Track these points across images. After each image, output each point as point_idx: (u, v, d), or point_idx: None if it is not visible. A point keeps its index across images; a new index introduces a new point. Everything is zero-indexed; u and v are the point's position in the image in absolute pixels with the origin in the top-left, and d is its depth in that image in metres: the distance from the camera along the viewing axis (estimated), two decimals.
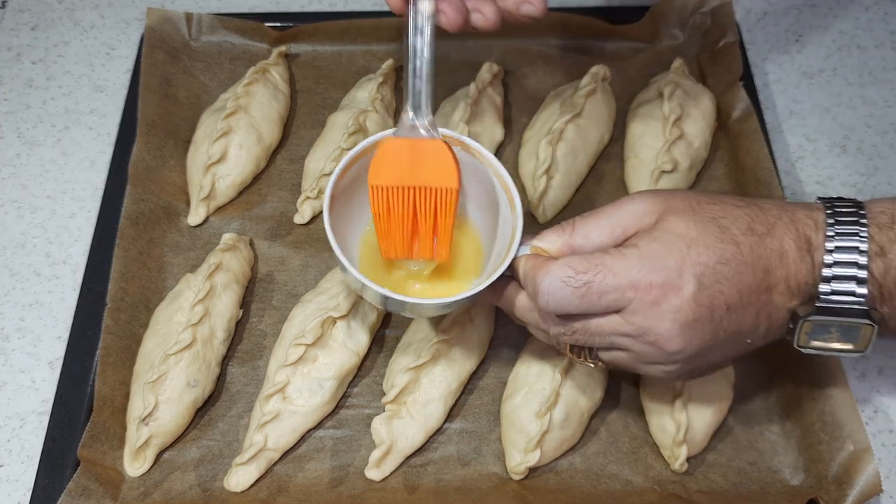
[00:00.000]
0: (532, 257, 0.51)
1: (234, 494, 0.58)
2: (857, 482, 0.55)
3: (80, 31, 0.85)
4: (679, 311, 0.47)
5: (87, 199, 0.74)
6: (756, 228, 0.49)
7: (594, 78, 0.73)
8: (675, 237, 0.48)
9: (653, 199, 0.50)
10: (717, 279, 0.47)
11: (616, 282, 0.47)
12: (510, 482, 0.59)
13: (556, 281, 0.48)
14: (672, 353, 0.49)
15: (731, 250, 0.48)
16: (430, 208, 0.52)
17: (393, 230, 0.53)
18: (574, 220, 0.52)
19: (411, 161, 0.52)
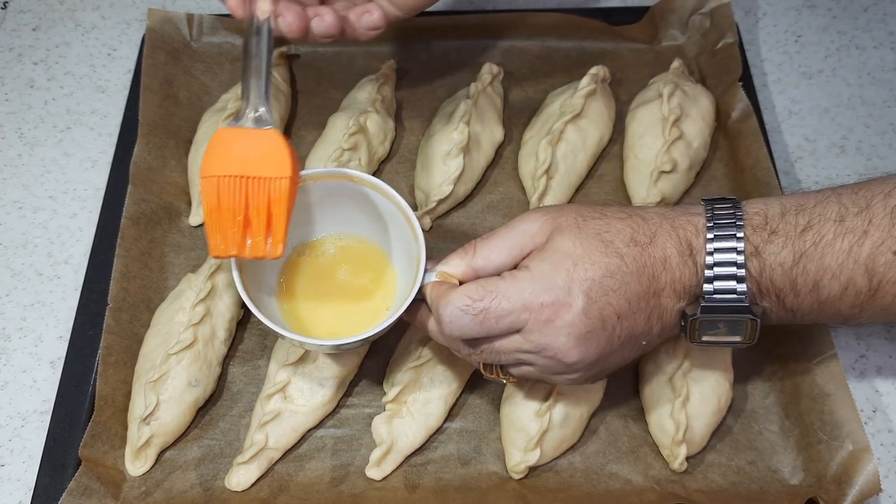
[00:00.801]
0: (437, 285, 0.53)
1: (235, 493, 0.58)
2: (857, 482, 0.55)
3: (81, 32, 0.85)
4: (572, 326, 0.49)
5: (88, 200, 0.74)
6: (638, 239, 0.51)
7: (594, 78, 0.74)
8: (562, 256, 0.50)
9: (543, 218, 0.52)
10: (604, 292, 0.50)
11: (510, 305, 0.50)
12: (510, 481, 0.59)
13: (455, 310, 0.50)
14: (572, 364, 0.51)
15: (615, 263, 0.50)
16: (263, 200, 0.51)
17: (224, 224, 0.51)
18: (475, 243, 0.54)
19: (244, 151, 0.51)
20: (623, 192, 0.73)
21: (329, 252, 0.62)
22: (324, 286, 0.61)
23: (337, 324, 0.60)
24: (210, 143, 0.52)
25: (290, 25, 0.56)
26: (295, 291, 0.61)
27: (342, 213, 0.61)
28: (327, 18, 0.57)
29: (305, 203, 0.59)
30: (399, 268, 0.61)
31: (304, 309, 0.60)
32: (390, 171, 0.74)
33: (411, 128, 0.77)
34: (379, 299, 0.61)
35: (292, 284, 0.61)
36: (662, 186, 0.69)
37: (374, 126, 0.73)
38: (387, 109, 0.75)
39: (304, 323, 0.59)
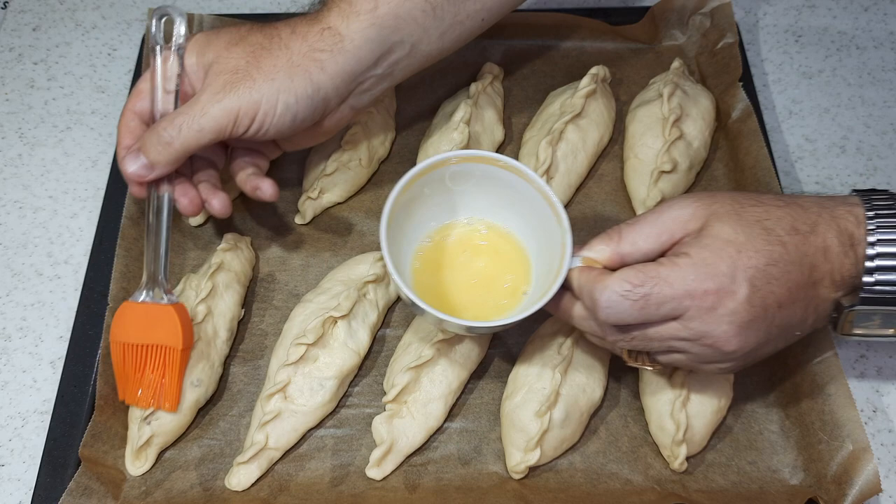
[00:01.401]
0: (585, 270, 0.53)
1: (235, 493, 0.58)
2: (857, 481, 0.55)
3: (81, 32, 0.85)
4: (735, 314, 0.49)
5: (88, 199, 0.74)
6: (799, 227, 0.50)
7: (594, 78, 0.74)
8: (724, 243, 0.50)
9: (696, 204, 0.52)
10: (767, 280, 0.49)
11: (673, 292, 0.49)
12: (510, 481, 0.59)
13: (614, 295, 0.50)
14: (729, 353, 0.51)
15: (778, 251, 0.50)
16: (158, 363, 0.59)
17: (128, 377, 0.59)
18: (620, 228, 0.53)
19: (144, 322, 0.59)
20: (623, 192, 0.73)
21: (465, 235, 0.62)
22: (458, 269, 0.61)
23: (470, 307, 0.59)
24: (117, 313, 0.60)
25: (185, 209, 0.61)
26: (429, 274, 0.61)
27: (480, 197, 0.61)
28: (215, 204, 0.62)
29: (443, 186, 0.60)
30: (534, 253, 0.61)
31: (439, 290, 0.60)
32: (390, 171, 0.74)
33: (411, 128, 0.77)
34: (514, 283, 0.60)
35: (427, 266, 0.61)
36: (662, 186, 0.69)
37: (375, 126, 0.73)
38: (387, 109, 0.75)
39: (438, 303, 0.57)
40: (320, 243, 0.70)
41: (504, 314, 0.58)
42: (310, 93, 0.58)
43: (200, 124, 0.56)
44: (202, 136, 0.57)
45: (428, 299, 0.54)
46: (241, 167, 0.63)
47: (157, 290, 0.60)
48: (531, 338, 0.63)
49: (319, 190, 0.70)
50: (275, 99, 0.57)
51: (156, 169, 0.58)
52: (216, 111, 0.56)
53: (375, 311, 0.64)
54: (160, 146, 0.57)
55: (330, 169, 0.70)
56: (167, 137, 0.56)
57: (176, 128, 0.56)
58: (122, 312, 0.60)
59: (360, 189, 0.73)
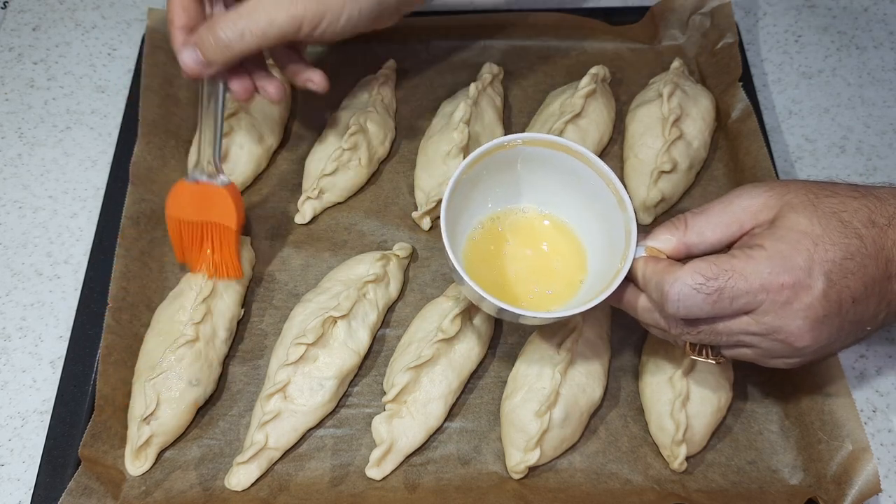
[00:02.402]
0: (651, 260, 0.52)
1: (234, 493, 0.58)
2: (856, 481, 0.55)
3: (81, 32, 0.85)
4: (810, 309, 0.48)
5: (88, 199, 0.74)
6: (877, 220, 0.49)
7: (594, 78, 0.74)
8: (800, 235, 0.48)
9: (768, 194, 0.50)
10: (844, 275, 0.48)
11: (747, 286, 0.48)
12: (510, 481, 0.59)
13: (686, 288, 0.49)
14: (800, 349, 0.50)
15: (855, 244, 0.48)
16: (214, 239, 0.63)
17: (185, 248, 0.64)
18: (685, 217, 0.52)
19: (200, 201, 0.63)
20: None
21: (522, 219, 0.62)
22: (514, 254, 0.61)
23: (526, 293, 0.59)
24: (172, 190, 0.64)
25: (238, 95, 0.63)
26: (481, 260, 0.60)
27: (541, 182, 0.60)
28: (271, 89, 0.63)
29: (506, 169, 0.59)
30: (593, 241, 0.60)
31: (494, 275, 0.59)
32: (390, 171, 0.74)
33: (411, 128, 0.77)
34: (571, 272, 0.60)
35: (480, 252, 0.60)
36: (662, 186, 0.69)
37: (374, 126, 0.73)
38: (387, 109, 0.75)
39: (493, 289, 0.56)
40: (320, 243, 0.70)
41: (560, 305, 0.57)
42: (373, 5, 0.59)
43: (264, 31, 0.56)
44: (264, 41, 0.57)
45: (481, 285, 0.53)
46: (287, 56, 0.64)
47: (212, 171, 0.63)
48: (531, 338, 0.63)
49: (319, 190, 0.70)
50: (340, 10, 0.58)
51: (212, 67, 0.58)
52: (282, 19, 0.56)
53: (375, 310, 0.64)
54: (219, 48, 0.57)
55: (330, 169, 0.70)
56: (226, 40, 0.57)
57: (237, 32, 0.56)
58: (178, 191, 0.63)
59: (360, 189, 0.73)
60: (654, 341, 0.63)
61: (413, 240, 0.70)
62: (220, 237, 0.63)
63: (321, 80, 0.64)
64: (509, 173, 0.60)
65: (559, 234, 0.61)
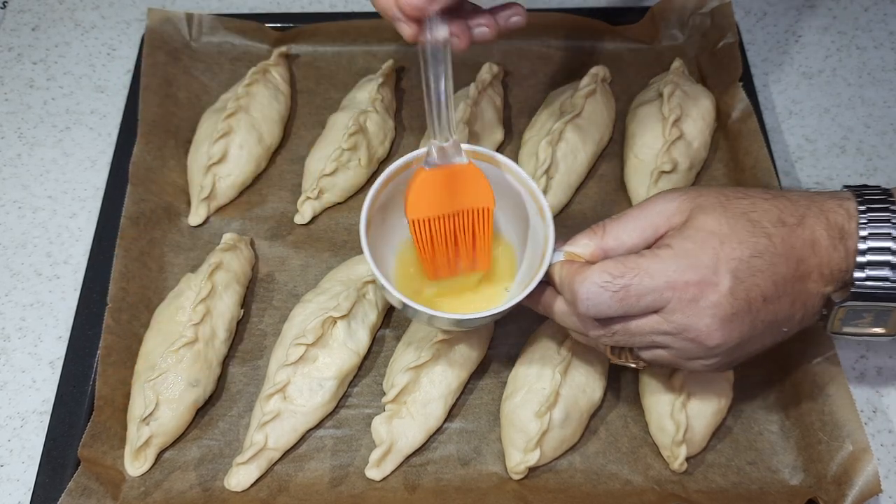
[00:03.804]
0: (567, 264, 0.52)
1: (234, 494, 0.58)
2: (857, 482, 0.55)
3: (80, 32, 0.85)
4: (717, 307, 0.48)
5: (87, 199, 0.74)
6: (786, 220, 0.50)
7: (594, 78, 0.74)
8: (707, 234, 0.49)
9: (682, 198, 0.51)
10: (751, 272, 0.48)
11: (653, 283, 0.48)
12: (510, 482, 0.59)
13: (594, 287, 0.49)
14: (713, 348, 0.50)
15: (763, 243, 0.49)
16: (468, 228, 0.56)
17: (437, 255, 0.56)
18: (604, 223, 0.53)
19: (446, 188, 0.54)
20: (623, 192, 0.73)
21: None
22: None
23: (453, 303, 0.59)
24: (414, 185, 0.54)
25: (462, 43, 0.55)
26: (413, 272, 0.60)
27: None
28: (486, 30, 0.56)
29: None
30: (517, 247, 0.61)
31: (421, 290, 0.60)
32: None
33: (411, 128, 0.77)
34: (497, 278, 0.60)
35: (410, 265, 0.61)
36: (663, 186, 0.69)
37: (374, 126, 0.73)
38: (386, 109, 0.75)
39: (420, 297, 0.58)
40: (320, 243, 0.70)
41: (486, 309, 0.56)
42: None
43: None
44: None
45: (413, 297, 0.54)
46: None
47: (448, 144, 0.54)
48: (531, 338, 0.63)
49: (319, 190, 0.70)
50: None
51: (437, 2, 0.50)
52: None
53: (375, 311, 0.64)
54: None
55: (329, 169, 0.70)
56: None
57: None
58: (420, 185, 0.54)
59: (359, 189, 0.73)
60: None
61: None
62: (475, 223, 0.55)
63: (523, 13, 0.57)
64: None
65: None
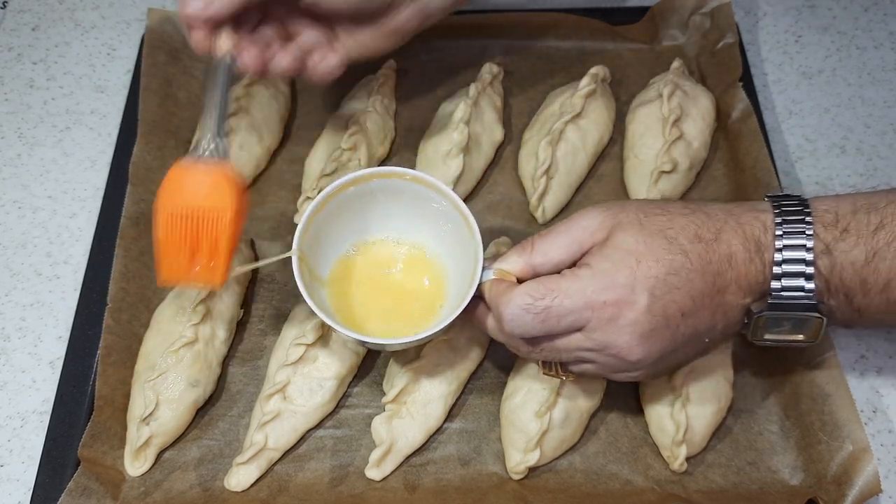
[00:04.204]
0: (496, 283, 0.53)
1: (234, 494, 0.58)
2: (857, 482, 0.55)
3: (80, 32, 0.85)
4: (636, 325, 0.49)
5: (87, 199, 0.74)
6: (703, 235, 0.51)
7: (594, 78, 0.73)
8: (624, 253, 0.50)
9: (603, 215, 0.52)
10: (668, 290, 0.49)
11: (572, 304, 0.49)
12: (510, 482, 0.59)
13: (516, 309, 0.50)
14: (635, 363, 0.51)
15: (679, 260, 0.50)
16: (211, 231, 0.53)
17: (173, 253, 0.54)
18: (533, 240, 0.54)
19: (195, 187, 0.54)
20: (623, 193, 0.73)
21: (380, 250, 0.63)
22: (374, 284, 0.61)
23: (387, 322, 0.60)
24: (166, 178, 0.55)
25: (246, 66, 0.57)
26: (346, 289, 0.61)
27: (393, 211, 0.61)
28: (284, 63, 0.58)
29: (358, 202, 0.60)
30: (450, 266, 0.61)
31: (355, 307, 0.60)
32: None
33: (411, 128, 0.77)
34: (430, 297, 0.61)
35: (344, 282, 0.61)
36: (662, 186, 0.69)
37: (374, 126, 0.73)
38: (386, 109, 0.75)
39: (355, 320, 0.59)
40: None
41: (420, 328, 0.57)
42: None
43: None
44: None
45: (345, 316, 0.55)
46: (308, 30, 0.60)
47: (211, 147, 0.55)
48: None
49: (319, 190, 0.70)
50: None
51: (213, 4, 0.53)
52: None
53: None
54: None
55: (329, 169, 0.70)
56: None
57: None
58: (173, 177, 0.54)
59: None
60: None
61: None
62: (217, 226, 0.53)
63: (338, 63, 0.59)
64: (363, 207, 0.61)
65: (417, 261, 0.62)
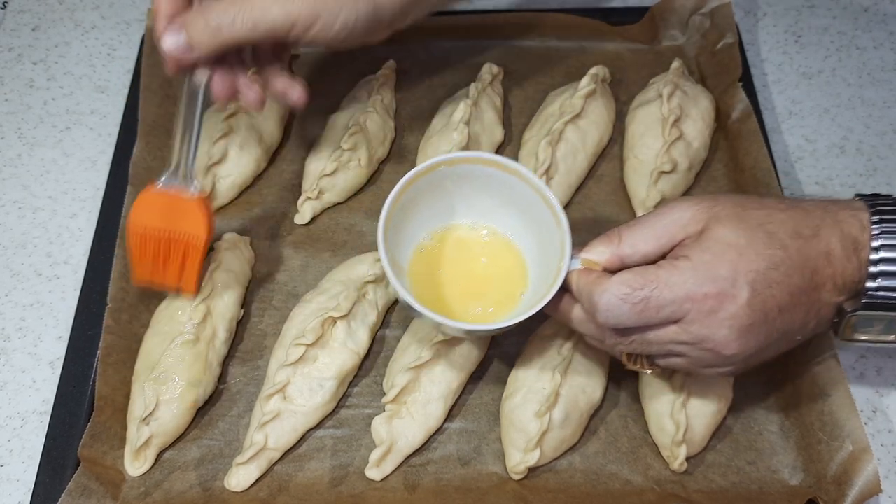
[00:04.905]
0: (585, 272, 0.52)
1: (234, 494, 0.58)
2: (857, 482, 0.55)
3: (80, 32, 0.85)
4: (735, 318, 0.49)
5: (87, 200, 0.74)
6: (802, 231, 0.50)
7: (594, 79, 0.73)
8: (725, 247, 0.49)
9: (696, 207, 0.51)
10: (768, 284, 0.49)
11: (672, 295, 0.49)
12: (510, 482, 0.59)
13: (613, 299, 0.50)
14: (729, 357, 0.51)
15: (780, 255, 0.49)
16: (180, 251, 0.60)
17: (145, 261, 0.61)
18: (620, 230, 0.53)
19: (168, 210, 0.60)
20: (623, 193, 0.73)
21: (461, 236, 0.62)
22: (456, 272, 0.61)
23: (465, 308, 0.59)
24: (138, 198, 0.60)
25: (218, 95, 0.60)
26: (427, 276, 0.60)
27: (479, 199, 0.61)
28: (251, 95, 0.61)
29: (442, 187, 0.60)
30: (531, 254, 0.61)
31: (434, 292, 0.60)
32: (390, 171, 0.74)
33: (411, 128, 0.77)
34: (511, 285, 0.60)
35: (425, 269, 0.61)
36: (662, 187, 0.69)
37: (374, 126, 0.73)
38: (386, 109, 0.75)
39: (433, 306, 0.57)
40: (319, 243, 0.70)
41: (501, 317, 0.58)
42: (370, 13, 0.57)
43: (255, 22, 0.55)
44: (254, 33, 0.55)
45: (425, 302, 0.54)
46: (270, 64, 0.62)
47: (185, 179, 0.60)
48: (531, 338, 0.63)
49: (319, 190, 0.70)
50: (336, 14, 0.56)
51: (195, 51, 0.56)
52: (276, 13, 0.55)
53: (375, 311, 0.64)
54: (207, 30, 0.55)
55: (329, 169, 0.70)
56: (216, 24, 0.55)
57: (229, 17, 0.54)
58: (147, 198, 0.60)
59: (359, 189, 0.73)
60: None
61: None
62: (186, 249, 0.60)
63: (301, 94, 0.61)
64: (445, 192, 0.60)
65: (499, 248, 0.62)
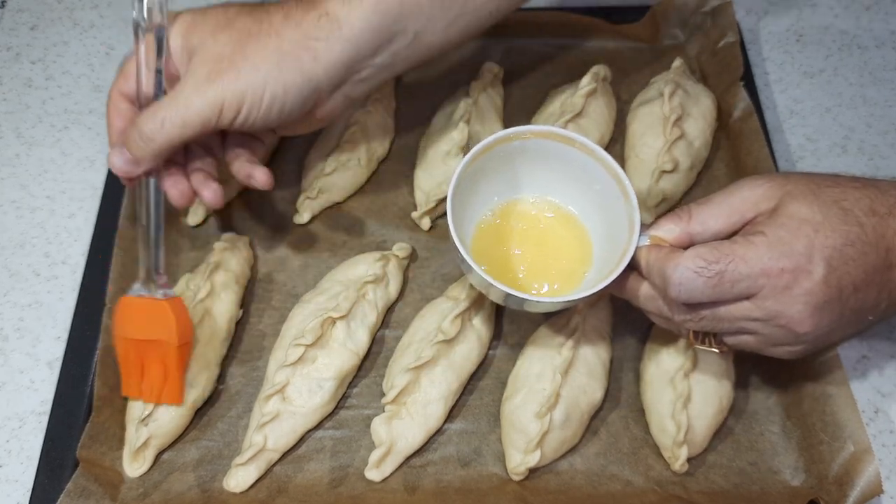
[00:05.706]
0: (654, 248, 0.52)
1: (233, 495, 0.58)
2: (858, 483, 0.55)
3: (79, 31, 0.85)
4: (811, 294, 0.49)
5: (86, 199, 0.74)
6: (877, 209, 0.50)
7: (594, 78, 0.73)
8: (800, 222, 0.49)
9: (769, 184, 0.51)
10: (844, 261, 0.49)
11: (748, 269, 0.49)
12: (510, 483, 0.59)
13: (687, 272, 0.49)
14: (802, 335, 0.50)
15: (855, 232, 0.49)
16: (157, 358, 0.58)
17: (131, 372, 0.59)
18: (689, 208, 0.53)
19: (143, 318, 0.58)
20: None
21: (528, 212, 0.62)
22: (518, 243, 0.61)
23: (530, 287, 0.59)
24: (116, 307, 0.60)
25: (175, 201, 0.60)
26: (490, 248, 0.60)
27: (546, 174, 0.61)
28: (207, 195, 0.60)
29: (506, 162, 0.59)
30: (596, 230, 0.61)
31: (498, 266, 0.59)
32: (390, 170, 0.74)
33: (411, 128, 0.76)
34: (575, 260, 0.60)
35: (488, 241, 0.61)
36: (663, 186, 0.69)
37: (374, 126, 0.73)
38: (386, 109, 0.75)
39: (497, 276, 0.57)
40: (319, 244, 0.70)
41: (563, 290, 0.57)
42: (299, 83, 0.55)
43: (183, 118, 0.54)
44: (185, 131, 0.55)
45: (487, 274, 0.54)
46: (236, 155, 0.61)
47: (152, 284, 0.59)
48: (531, 338, 0.63)
49: (318, 190, 0.70)
50: (261, 90, 0.55)
51: (141, 164, 0.56)
52: (199, 104, 0.54)
53: (374, 311, 0.64)
54: (142, 142, 0.55)
55: (329, 169, 0.70)
56: (149, 132, 0.55)
57: (158, 122, 0.54)
58: (121, 307, 0.59)
59: (359, 189, 0.73)
60: (656, 342, 0.62)
61: (412, 240, 0.70)
62: (163, 355, 0.58)
63: (264, 177, 0.60)
64: (512, 166, 0.60)
65: (564, 224, 0.62)
